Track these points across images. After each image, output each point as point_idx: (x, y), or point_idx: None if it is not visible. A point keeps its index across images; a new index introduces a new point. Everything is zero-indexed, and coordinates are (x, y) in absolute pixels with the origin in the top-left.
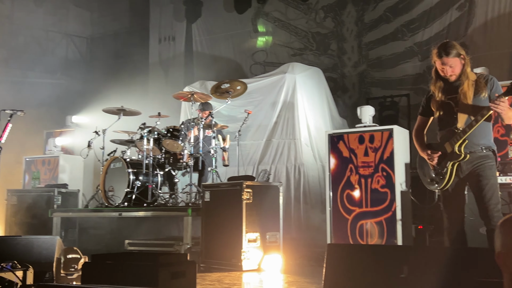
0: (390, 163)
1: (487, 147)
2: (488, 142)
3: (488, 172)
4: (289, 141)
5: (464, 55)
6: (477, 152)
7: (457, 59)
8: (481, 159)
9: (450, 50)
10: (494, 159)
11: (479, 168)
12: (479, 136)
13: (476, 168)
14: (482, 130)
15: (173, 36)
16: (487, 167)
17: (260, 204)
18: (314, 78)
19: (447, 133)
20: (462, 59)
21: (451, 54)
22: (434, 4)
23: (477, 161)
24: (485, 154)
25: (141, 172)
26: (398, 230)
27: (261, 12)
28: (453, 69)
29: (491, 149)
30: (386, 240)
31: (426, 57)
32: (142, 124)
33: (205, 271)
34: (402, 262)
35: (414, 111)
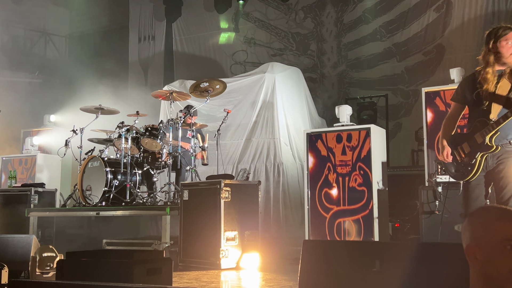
0: (367, 162)
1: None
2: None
3: (511, 170)
4: (268, 140)
5: None
6: (504, 146)
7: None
8: (508, 154)
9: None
10: None
11: (502, 164)
12: (508, 129)
13: (499, 164)
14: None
15: (152, 35)
16: (509, 164)
17: (239, 203)
18: (294, 78)
19: (479, 123)
20: None
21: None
22: (412, 6)
23: (503, 156)
24: (510, 149)
25: (119, 171)
26: (375, 228)
27: (241, 12)
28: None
29: None
30: (363, 237)
31: (404, 57)
32: (120, 123)
33: (183, 269)
34: (374, 257)
35: (392, 111)
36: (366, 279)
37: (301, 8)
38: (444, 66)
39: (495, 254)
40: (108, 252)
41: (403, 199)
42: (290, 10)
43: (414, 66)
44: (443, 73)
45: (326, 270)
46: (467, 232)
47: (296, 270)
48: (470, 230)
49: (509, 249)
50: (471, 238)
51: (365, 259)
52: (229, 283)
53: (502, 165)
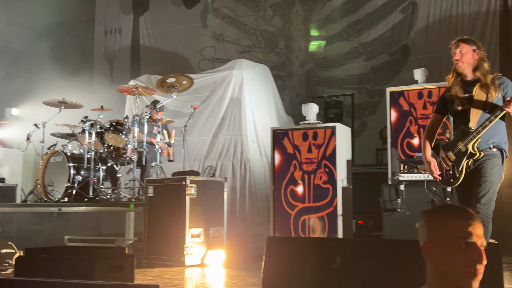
0: (332, 160)
1: (496, 146)
2: (497, 140)
3: (489, 171)
4: (235, 137)
5: (480, 52)
6: (486, 150)
7: (469, 48)
8: (487, 156)
9: (466, 38)
10: (500, 158)
11: (483, 165)
12: (489, 135)
13: (479, 165)
14: (492, 129)
15: (119, 29)
16: (489, 165)
17: (205, 200)
18: (262, 75)
19: (460, 132)
20: (476, 53)
21: (466, 41)
22: (379, 6)
23: (483, 158)
24: (492, 152)
25: (82, 166)
26: (339, 225)
27: (210, 8)
28: (462, 56)
29: (499, 147)
30: (327, 234)
31: (371, 57)
32: (84, 117)
33: (147, 266)
34: (336, 253)
35: (358, 110)
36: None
37: (270, 6)
38: (409, 66)
39: (451, 251)
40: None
41: (367, 197)
42: (259, 7)
43: (380, 66)
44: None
45: (288, 266)
46: (424, 230)
47: (260, 267)
48: (427, 228)
49: (464, 246)
50: (428, 236)
51: (327, 255)
52: (193, 280)
53: (480, 166)
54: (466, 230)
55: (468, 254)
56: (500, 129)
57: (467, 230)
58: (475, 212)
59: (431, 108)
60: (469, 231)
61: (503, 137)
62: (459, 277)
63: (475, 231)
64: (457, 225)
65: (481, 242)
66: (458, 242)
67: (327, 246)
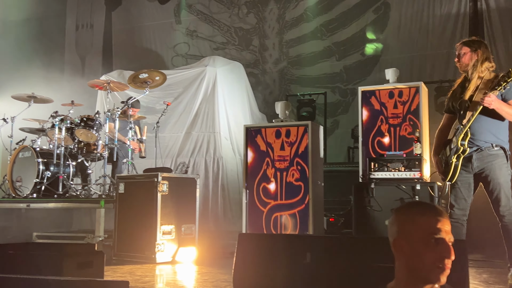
0: (305, 158)
1: (497, 145)
2: (498, 140)
3: (498, 172)
4: (208, 134)
5: (479, 51)
6: (487, 149)
7: (467, 49)
8: (491, 157)
9: (467, 40)
10: (504, 157)
11: (489, 167)
12: (488, 133)
13: (486, 168)
14: (491, 127)
15: (91, 23)
16: (496, 167)
17: (177, 197)
18: (235, 73)
19: (456, 129)
20: (475, 54)
21: (465, 43)
22: (352, 6)
23: (487, 160)
24: (495, 152)
25: (51, 162)
26: (311, 222)
27: (184, 4)
28: (462, 58)
29: (502, 147)
30: (299, 231)
31: (343, 56)
32: (54, 112)
33: (117, 263)
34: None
35: (330, 108)
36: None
37: (244, 3)
38: (380, 66)
39: (421, 247)
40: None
41: (338, 195)
42: (233, 4)
43: (352, 65)
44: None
45: (259, 263)
46: (394, 227)
47: (232, 264)
48: (397, 224)
49: (433, 242)
50: (398, 232)
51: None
52: (164, 277)
53: (487, 170)
54: (435, 226)
55: (437, 250)
56: (500, 127)
57: (436, 226)
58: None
59: (401, 107)
60: (438, 227)
61: (504, 136)
62: (428, 271)
63: (443, 227)
64: (426, 221)
65: (449, 238)
66: (427, 238)
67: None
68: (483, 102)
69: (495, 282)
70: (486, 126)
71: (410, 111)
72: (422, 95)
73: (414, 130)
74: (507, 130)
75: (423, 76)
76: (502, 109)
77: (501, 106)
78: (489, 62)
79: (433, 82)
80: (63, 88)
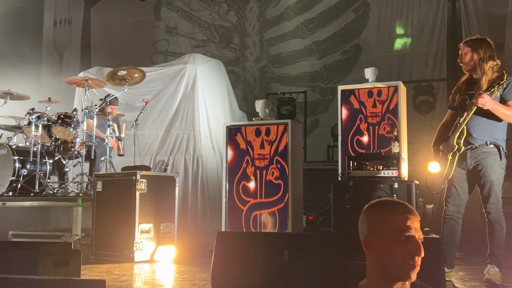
0: (284, 156)
1: (492, 143)
2: (492, 138)
3: (490, 169)
4: (188, 132)
5: (481, 51)
6: (481, 147)
7: (468, 49)
8: (484, 155)
9: (469, 40)
10: (498, 155)
11: (481, 165)
12: (483, 132)
13: (479, 165)
14: (487, 126)
15: (69, 19)
16: (489, 164)
17: (156, 195)
18: (215, 71)
19: (454, 127)
20: (476, 53)
21: (467, 43)
22: (332, 5)
23: (480, 157)
24: (488, 150)
25: (28, 160)
26: (290, 220)
27: (164, 1)
28: (464, 58)
29: (496, 144)
30: (278, 230)
31: (323, 55)
32: (31, 109)
33: (95, 262)
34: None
35: (310, 107)
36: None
37: (225, 1)
38: (360, 65)
39: (391, 244)
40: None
41: (317, 193)
42: (213, 2)
43: (332, 64)
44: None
45: (237, 261)
46: (364, 225)
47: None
48: (367, 223)
49: (403, 240)
50: (368, 230)
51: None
52: (142, 276)
53: (480, 166)
54: (405, 224)
55: (407, 247)
56: (497, 127)
57: (406, 224)
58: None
59: (380, 106)
60: (408, 225)
61: (499, 135)
62: (399, 269)
63: (413, 225)
64: (396, 219)
65: (418, 235)
66: (397, 235)
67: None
68: (477, 103)
69: (471, 279)
70: (482, 125)
71: (389, 110)
72: (400, 94)
73: (393, 129)
74: (505, 129)
75: (402, 76)
76: (498, 110)
77: (497, 107)
78: (493, 60)
79: (411, 82)
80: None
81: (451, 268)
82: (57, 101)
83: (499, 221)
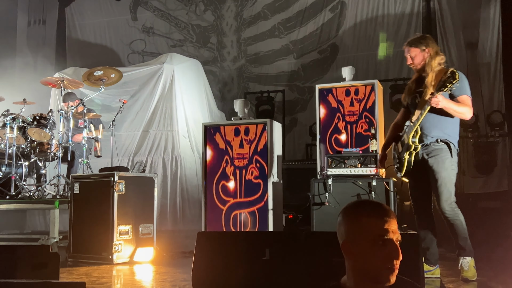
0: (264, 155)
1: (442, 140)
2: (444, 134)
3: (441, 165)
4: (166, 132)
5: (429, 49)
6: (432, 144)
7: (417, 50)
8: (435, 152)
9: (413, 41)
10: (449, 151)
11: (432, 161)
12: (436, 129)
13: (430, 162)
14: (438, 123)
15: (43, 19)
16: (440, 161)
17: (134, 196)
18: (193, 70)
19: (407, 127)
20: (426, 52)
21: (413, 44)
22: (308, 5)
23: (432, 154)
24: (439, 147)
25: (3, 162)
26: (270, 219)
27: (140, 0)
28: (413, 59)
29: (446, 141)
30: (258, 229)
31: (301, 55)
32: (5, 110)
33: (73, 265)
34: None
35: (289, 106)
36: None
37: (202, 0)
38: (337, 64)
39: (368, 249)
40: None
41: (296, 192)
42: (190, 1)
43: (309, 63)
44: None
45: (218, 261)
46: (341, 228)
47: (191, 263)
48: (344, 226)
49: (381, 244)
50: (346, 234)
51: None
52: (121, 278)
53: (431, 163)
54: (381, 227)
55: (385, 251)
56: (448, 123)
57: (383, 228)
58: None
59: (357, 105)
60: (385, 228)
61: (451, 131)
62: (377, 273)
63: (390, 228)
64: (373, 223)
65: (396, 237)
66: (375, 239)
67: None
68: (431, 102)
69: (449, 274)
70: (434, 122)
71: (366, 108)
72: (377, 92)
73: (370, 127)
74: (457, 125)
75: (378, 74)
76: (450, 108)
77: (449, 105)
78: (439, 55)
79: (388, 80)
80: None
81: (435, 265)
82: (33, 102)
83: (455, 216)
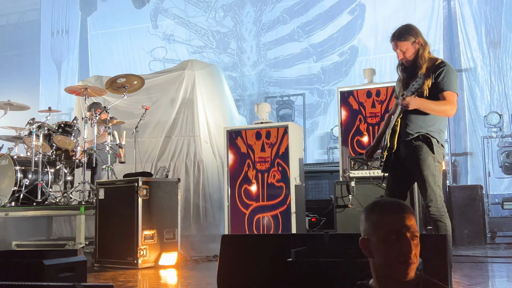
0: (285, 158)
1: (423, 135)
2: (426, 130)
3: (422, 163)
4: (188, 138)
5: (419, 40)
6: (412, 140)
7: (407, 43)
8: (415, 149)
9: (401, 34)
10: (429, 148)
11: (413, 159)
12: (416, 124)
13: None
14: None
15: (66, 29)
16: (421, 159)
17: (158, 201)
18: (214, 75)
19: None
20: (416, 43)
21: (402, 38)
22: (328, 8)
23: (411, 151)
24: (419, 144)
25: (29, 169)
26: (293, 222)
27: (160, 8)
28: (404, 53)
29: (427, 137)
30: (281, 232)
31: (320, 58)
32: (31, 119)
33: (100, 270)
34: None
35: (309, 109)
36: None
37: (221, 7)
38: (357, 66)
39: (382, 244)
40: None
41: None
42: (209, 8)
43: (329, 66)
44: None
45: (243, 263)
46: (360, 226)
47: (215, 267)
48: (361, 224)
49: (393, 239)
50: (363, 231)
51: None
52: (147, 282)
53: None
54: (394, 223)
55: (397, 245)
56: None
57: (396, 223)
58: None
59: (379, 106)
60: (398, 223)
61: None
62: (394, 268)
63: (403, 222)
64: (385, 220)
65: (411, 232)
66: (387, 235)
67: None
68: (401, 105)
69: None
70: (414, 118)
71: (388, 109)
72: None
73: None
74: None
75: None
76: (426, 108)
77: (424, 105)
78: (428, 45)
79: None
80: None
81: None
82: (57, 110)
83: (440, 218)
